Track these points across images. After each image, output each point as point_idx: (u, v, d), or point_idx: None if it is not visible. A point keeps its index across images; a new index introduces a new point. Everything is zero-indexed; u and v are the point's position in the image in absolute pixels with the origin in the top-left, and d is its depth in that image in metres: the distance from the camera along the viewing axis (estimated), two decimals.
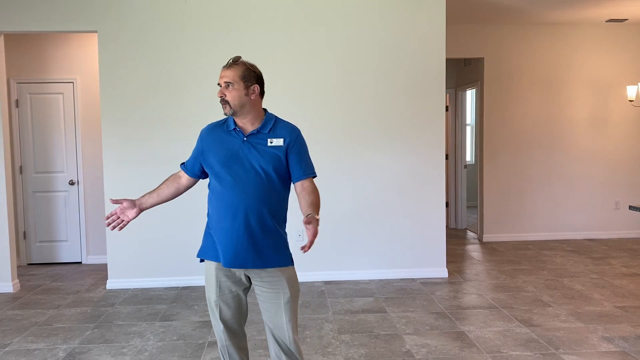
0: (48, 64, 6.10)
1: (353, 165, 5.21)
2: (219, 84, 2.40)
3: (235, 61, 2.41)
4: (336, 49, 5.20)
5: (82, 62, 6.12)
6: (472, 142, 10.31)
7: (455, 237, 7.50)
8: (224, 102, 2.37)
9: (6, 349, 3.65)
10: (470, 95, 9.74)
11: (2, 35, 5.03)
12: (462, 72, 8.00)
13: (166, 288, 5.10)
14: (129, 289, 5.10)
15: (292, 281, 2.37)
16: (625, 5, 6.18)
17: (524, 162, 7.11)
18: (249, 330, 3.72)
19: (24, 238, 6.17)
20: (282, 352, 2.35)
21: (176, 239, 5.16)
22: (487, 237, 7.16)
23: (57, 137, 6.13)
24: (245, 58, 5.45)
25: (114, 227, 2.54)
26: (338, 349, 3.53)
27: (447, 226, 8.14)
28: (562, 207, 7.18)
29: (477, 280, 5.20)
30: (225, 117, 2.46)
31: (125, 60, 5.05)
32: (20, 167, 6.11)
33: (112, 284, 5.14)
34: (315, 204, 2.32)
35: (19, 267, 5.97)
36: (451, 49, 6.61)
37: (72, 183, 6.17)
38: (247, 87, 2.37)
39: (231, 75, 2.37)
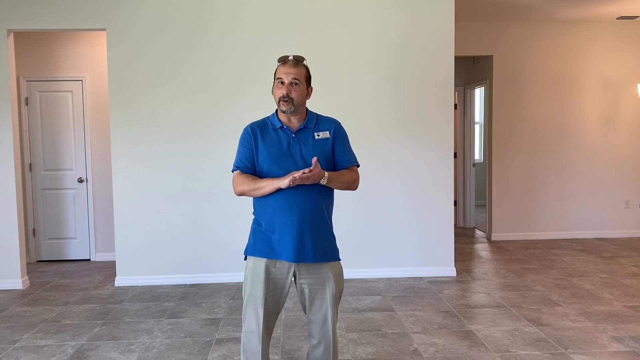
0: (57, 62, 6.14)
1: (361, 163, 5.19)
2: (281, 81, 2.37)
3: (300, 61, 2.43)
4: (344, 47, 5.18)
5: (91, 60, 6.15)
6: (480, 140, 10.26)
7: (463, 236, 7.47)
8: (287, 99, 2.36)
9: (15, 345, 3.68)
10: (479, 93, 9.70)
11: (12, 34, 5.06)
12: (471, 70, 7.96)
13: (174, 285, 5.12)
14: (137, 286, 5.12)
15: (339, 277, 2.46)
16: (636, 3, 6.11)
17: (533, 160, 7.07)
18: None
19: (34, 235, 6.21)
20: (322, 344, 2.43)
21: (184, 237, 5.18)
22: (495, 236, 7.12)
23: (66, 135, 6.17)
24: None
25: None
26: (346, 347, 3.52)
27: (455, 225, 8.11)
28: (572, 205, 7.13)
29: (486, 279, 5.18)
30: (264, 117, 2.48)
31: (133, 59, 5.06)
32: (30, 164, 6.15)
33: (120, 281, 5.16)
34: (343, 174, 2.41)
35: (28, 264, 6.01)
36: (460, 47, 6.58)
37: (81, 181, 6.20)
38: (307, 88, 2.44)
39: (298, 73, 2.39)
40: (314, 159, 2.26)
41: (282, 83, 2.37)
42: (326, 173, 2.33)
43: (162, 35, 5.08)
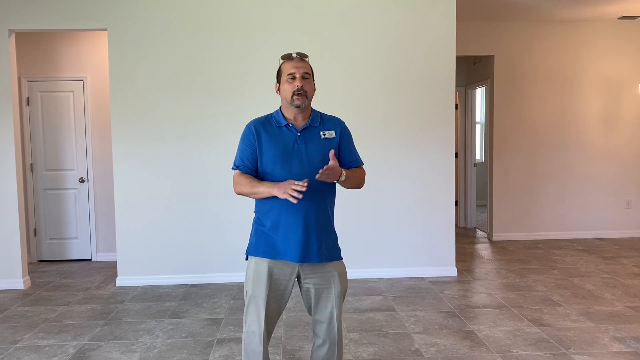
0: (58, 62, 6.14)
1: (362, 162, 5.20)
2: (292, 76, 2.33)
3: (305, 57, 2.41)
4: (346, 48, 5.18)
5: (92, 60, 6.15)
6: (481, 140, 10.26)
7: (464, 236, 7.47)
8: (302, 92, 2.32)
9: (17, 345, 3.68)
10: (480, 93, 9.69)
11: (14, 34, 5.06)
12: (472, 70, 7.95)
13: (175, 285, 5.12)
14: (138, 286, 5.12)
15: (343, 276, 2.45)
16: (638, 3, 6.11)
17: (534, 160, 7.07)
18: None
19: (35, 235, 6.22)
20: (327, 344, 2.43)
21: (185, 237, 5.18)
22: (496, 236, 7.12)
23: (68, 135, 6.17)
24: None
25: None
26: (347, 347, 3.52)
27: (456, 225, 8.11)
28: (573, 206, 7.13)
29: (487, 279, 5.18)
30: (267, 114, 2.47)
31: (135, 59, 5.07)
32: (31, 164, 6.15)
33: (121, 281, 5.16)
34: (356, 171, 2.43)
35: (29, 264, 6.01)
36: (461, 47, 6.58)
37: (82, 181, 6.21)
38: (314, 82, 2.43)
39: (307, 67, 2.38)
40: (331, 152, 2.24)
41: (293, 78, 2.33)
42: (344, 171, 2.31)
43: (163, 35, 5.08)
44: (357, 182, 2.43)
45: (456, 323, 3.96)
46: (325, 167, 2.20)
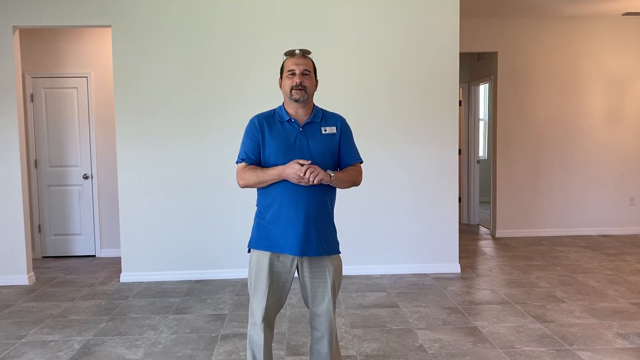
0: (62, 59, 6.15)
1: (366, 159, 5.19)
2: (292, 72, 2.41)
3: (307, 53, 2.47)
4: (350, 43, 5.18)
5: (96, 56, 6.15)
6: (485, 137, 10.24)
7: (467, 233, 7.47)
8: (301, 87, 2.39)
9: (22, 340, 3.70)
10: (483, 89, 9.66)
11: (18, 30, 5.07)
12: (475, 66, 7.94)
13: (179, 281, 5.13)
14: (143, 282, 5.14)
15: (339, 270, 2.50)
16: None
17: (538, 157, 7.06)
18: None
19: (39, 231, 6.24)
20: (325, 337, 2.48)
21: (189, 233, 5.19)
22: (500, 233, 7.12)
23: (72, 132, 6.18)
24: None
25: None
26: (350, 343, 3.54)
27: (459, 221, 8.10)
28: (576, 202, 7.12)
29: (490, 276, 5.18)
30: (271, 109, 2.52)
31: (139, 55, 5.07)
32: (35, 161, 6.17)
33: (125, 277, 5.18)
34: (347, 174, 2.44)
35: (34, 259, 6.04)
36: (464, 43, 6.57)
37: (86, 177, 6.22)
38: (315, 79, 2.48)
39: (308, 64, 2.45)
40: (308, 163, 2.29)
41: (293, 74, 2.40)
42: (332, 173, 2.35)
43: (167, 31, 5.08)
44: (349, 183, 2.45)
45: (459, 319, 3.97)
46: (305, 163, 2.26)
